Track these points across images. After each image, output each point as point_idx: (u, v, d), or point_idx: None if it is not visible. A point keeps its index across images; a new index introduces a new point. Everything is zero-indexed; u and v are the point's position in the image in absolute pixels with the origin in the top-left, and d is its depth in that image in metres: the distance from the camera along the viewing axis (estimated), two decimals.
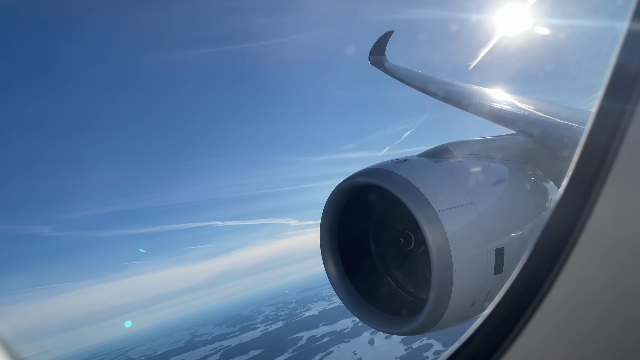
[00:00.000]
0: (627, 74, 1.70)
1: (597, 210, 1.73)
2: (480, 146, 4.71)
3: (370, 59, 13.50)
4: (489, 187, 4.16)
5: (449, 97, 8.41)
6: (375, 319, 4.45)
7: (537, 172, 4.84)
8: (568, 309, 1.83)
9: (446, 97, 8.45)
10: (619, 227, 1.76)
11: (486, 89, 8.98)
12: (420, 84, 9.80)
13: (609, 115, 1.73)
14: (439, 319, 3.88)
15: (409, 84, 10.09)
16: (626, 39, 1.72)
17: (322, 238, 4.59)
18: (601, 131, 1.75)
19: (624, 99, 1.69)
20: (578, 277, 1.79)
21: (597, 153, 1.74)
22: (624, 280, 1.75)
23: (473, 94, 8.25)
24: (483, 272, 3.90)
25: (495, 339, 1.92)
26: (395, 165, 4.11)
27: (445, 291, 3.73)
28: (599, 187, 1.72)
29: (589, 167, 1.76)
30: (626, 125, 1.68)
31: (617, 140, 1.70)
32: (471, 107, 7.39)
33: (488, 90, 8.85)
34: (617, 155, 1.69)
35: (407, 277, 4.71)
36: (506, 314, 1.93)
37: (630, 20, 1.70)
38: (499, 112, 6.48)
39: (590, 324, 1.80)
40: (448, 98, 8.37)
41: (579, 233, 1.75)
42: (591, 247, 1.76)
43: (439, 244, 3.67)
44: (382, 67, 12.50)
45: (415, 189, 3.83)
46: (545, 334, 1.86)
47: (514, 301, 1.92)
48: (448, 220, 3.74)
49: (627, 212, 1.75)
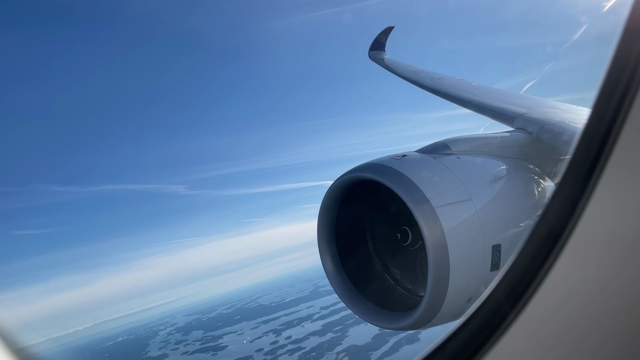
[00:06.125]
0: (622, 71, 1.71)
1: (591, 206, 1.73)
2: (478, 143, 4.72)
3: (369, 55, 13.54)
4: (486, 183, 4.16)
5: (448, 93, 8.46)
6: (371, 314, 4.44)
7: (535, 170, 4.85)
8: (558, 304, 1.82)
9: (445, 94, 8.50)
10: (612, 223, 1.76)
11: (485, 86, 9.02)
12: (420, 80, 9.83)
13: (605, 111, 1.73)
14: (435, 314, 3.88)
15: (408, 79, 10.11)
16: (622, 37, 1.73)
17: (320, 232, 4.58)
18: (596, 127, 1.76)
19: (619, 96, 1.70)
20: (570, 273, 1.79)
21: (592, 149, 1.74)
22: (617, 275, 1.75)
23: (472, 90, 8.26)
24: (480, 269, 3.91)
25: (481, 335, 1.91)
26: (393, 160, 4.10)
27: (441, 287, 3.73)
28: (593, 183, 1.73)
29: (584, 163, 1.76)
30: (621, 122, 1.69)
31: (613, 136, 1.70)
32: (470, 103, 7.41)
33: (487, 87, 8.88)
34: (612, 152, 1.70)
35: (404, 273, 4.71)
36: (494, 310, 1.92)
37: (626, 19, 1.71)
38: (497, 109, 6.51)
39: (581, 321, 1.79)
40: (447, 95, 8.42)
41: (572, 228, 1.75)
42: (584, 242, 1.76)
43: (436, 240, 3.67)
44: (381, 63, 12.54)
45: (412, 184, 3.83)
46: (533, 331, 1.84)
47: (502, 296, 1.91)
48: (445, 216, 3.74)
49: (621, 208, 1.75)
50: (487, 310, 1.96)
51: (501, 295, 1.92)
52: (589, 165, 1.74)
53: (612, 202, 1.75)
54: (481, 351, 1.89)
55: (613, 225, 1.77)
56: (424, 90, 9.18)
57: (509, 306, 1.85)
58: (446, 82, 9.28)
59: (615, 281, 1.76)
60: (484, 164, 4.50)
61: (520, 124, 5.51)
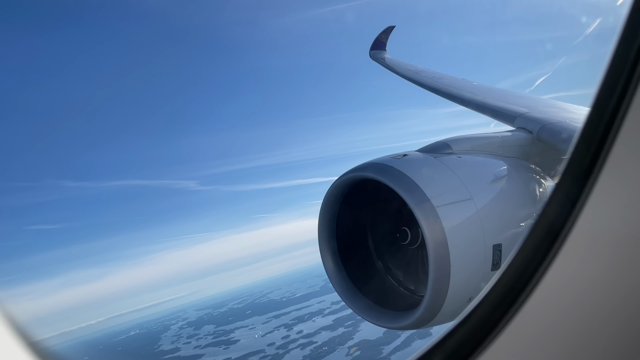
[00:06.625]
0: (622, 69, 1.70)
1: (590, 204, 1.72)
2: (479, 142, 4.72)
3: (370, 54, 13.50)
4: (487, 183, 4.16)
5: (449, 93, 8.44)
6: (371, 313, 4.46)
7: (535, 169, 4.84)
8: (557, 302, 1.82)
9: (446, 93, 8.49)
10: (611, 221, 1.76)
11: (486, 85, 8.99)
12: (421, 79, 9.81)
13: (604, 110, 1.72)
14: (435, 314, 3.90)
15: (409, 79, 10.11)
16: (621, 35, 1.72)
17: (320, 231, 4.61)
18: (595, 126, 1.75)
19: (618, 94, 1.69)
20: (568, 271, 1.78)
21: (591, 147, 1.74)
22: (615, 273, 1.74)
23: (473, 90, 8.24)
24: (480, 268, 3.92)
25: (479, 332, 1.91)
26: (394, 160, 4.12)
27: (442, 286, 3.74)
28: (592, 181, 1.72)
29: (583, 161, 1.76)
30: (620, 120, 1.68)
31: (612, 135, 1.70)
32: (471, 103, 7.40)
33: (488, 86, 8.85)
34: (611, 150, 1.70)
35: (405, 272, 4.73)
36: (493, 307, 1.91)
37: (625, 17, 1.71)
38: (498, 108, 6.50)
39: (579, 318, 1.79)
40: (448, 94, 8.41)
41: (571, 226, 1.74)
42: (583, 240, 1.76)
43: (436, 239, 3.68)
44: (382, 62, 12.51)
45: (413, 183, 3.84)
46: (532, 328, 1.84)
47: (501, 293, 1.90)
48: (446, 215, 3.75)
49: (619, 206, 1.75)
50: (486, 307, 1.96)
51: (500, 293, 1.91)
52: (588, 163, 1.74)
53: (611, 200, 1.75)
54: (480, 348, 1.89)
55: (612, 224, 1.76)
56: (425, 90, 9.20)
57: (507, 303, 1.85)
58: (447, 81, 9.27)
59: (613, 279, 1.76)
60: (484, 163, 4.50)
61: (521, 124, 5.50)
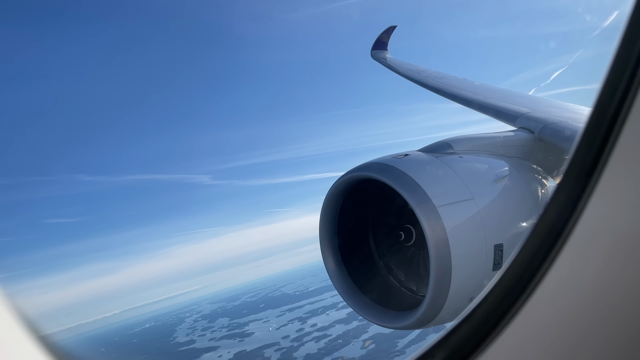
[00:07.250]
0: (624, 69, 1.69)
1: (592, 204, 1.72)
2: (481, 142, 4.71)
3: (372, 54, 13.48)
4: (489, 183, 4.15)
5: (450, 93, 8.43)
6: (372, 312, 4.49)
7: (537, 169, 4.82)
8: (558, 302, 1.82)
9: (448, 93, 8.47)
10: (613, 220, 1.75)
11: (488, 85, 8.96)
12: (422, 79, 9.80)
13: (606, 109, 1.72)
14: (436, 313, 3.91)
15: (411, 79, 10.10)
16: (624, 35, 1.71)
17: (322, 230, 4.62)
18: (598, 125, 1.74)
19: (620, 94, 1.69)
20: (570, 270, 1.78)
21: (593, 147, 1.73)
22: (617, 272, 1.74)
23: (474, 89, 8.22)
24: (482, 268, 3.92)
25: (481, 330, 1.91)
26: (395, 159, 4.12)
27: (443, 286, 3.75)
28: (594, 181, 1.72)
29: (585, 161, 1.75)
30: (622, 120, 1.68)
31: (614, 134, 1.69)
32: (473, 103, 7.36)
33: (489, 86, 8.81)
34: (613, 150, 1.69)
35: (406, 272, 4.73)
36: (494, 306, 1.91)
37: (628, 17, 1.70)
38: (500, 108, 6.47)
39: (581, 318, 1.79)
40: (450, 94, 8.39)
41: (573, 226, 1.74)
42: (585, 240, 1.75)
43: (437, 239, 3.69)
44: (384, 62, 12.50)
45: (415, 183, 3.85)
46: (533, 328, 1.84)
47: (503, 293, 1.90)
48: (447, 215, 3.75)
49: (622, 206, 1.74)
50: (487, 306, 1.96)
51: (501, 292, 1.91)
52: (589, 163, 1.73)
53: (613, 201, 1.74)
54: (481, 347, 1.90)
55: (614, 224, 1.75)
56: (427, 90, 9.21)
57: (509, 303, 1.85)
58: (448, 81, 9.25)
59: (615, 279, 1.75)
60: (486, 163, 4.49)
61: (523, 123, 5.48)
